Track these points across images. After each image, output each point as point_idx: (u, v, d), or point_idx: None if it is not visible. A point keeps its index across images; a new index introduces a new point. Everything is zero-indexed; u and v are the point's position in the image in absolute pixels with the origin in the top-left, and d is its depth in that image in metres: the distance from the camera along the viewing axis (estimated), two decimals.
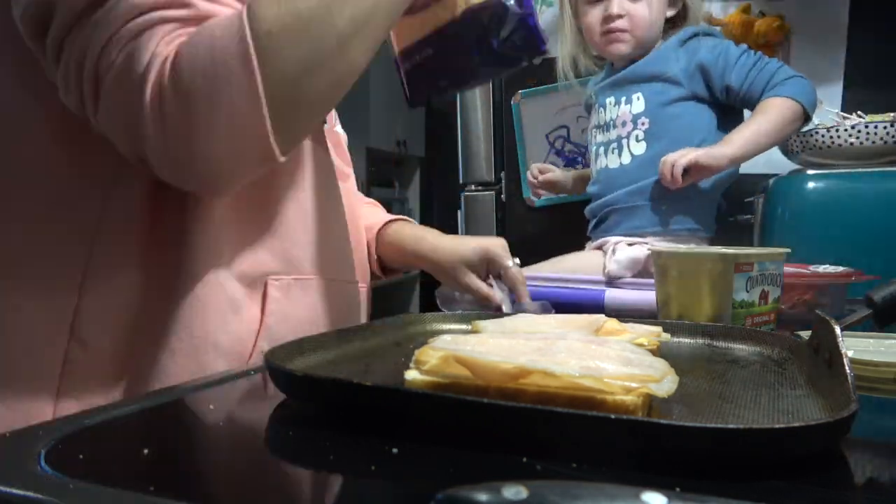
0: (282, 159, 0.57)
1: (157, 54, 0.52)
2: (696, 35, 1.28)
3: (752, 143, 1.16)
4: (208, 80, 0.52)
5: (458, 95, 1.94)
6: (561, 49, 1.48)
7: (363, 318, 0.85)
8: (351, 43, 0.56)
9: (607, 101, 1.34)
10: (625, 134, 1.31)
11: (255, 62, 0.52)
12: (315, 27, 0.54)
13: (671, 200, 1.25)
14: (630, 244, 1.17)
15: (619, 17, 1.27)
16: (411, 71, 0.76)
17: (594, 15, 1.31)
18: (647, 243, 1.15)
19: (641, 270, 1.09)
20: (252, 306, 0.65)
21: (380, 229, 0.97)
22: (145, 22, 0.53)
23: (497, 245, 0.92)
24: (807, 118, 1.22)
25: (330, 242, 0.74)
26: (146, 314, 0.61)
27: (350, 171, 0.91)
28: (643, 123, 1.29)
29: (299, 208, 0.70)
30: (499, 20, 0.68)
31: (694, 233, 1.26)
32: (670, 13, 1.33)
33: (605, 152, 1.35)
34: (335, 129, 0.89)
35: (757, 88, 1.22)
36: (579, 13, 1.36)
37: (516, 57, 0.70)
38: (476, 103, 1.94)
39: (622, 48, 1.30)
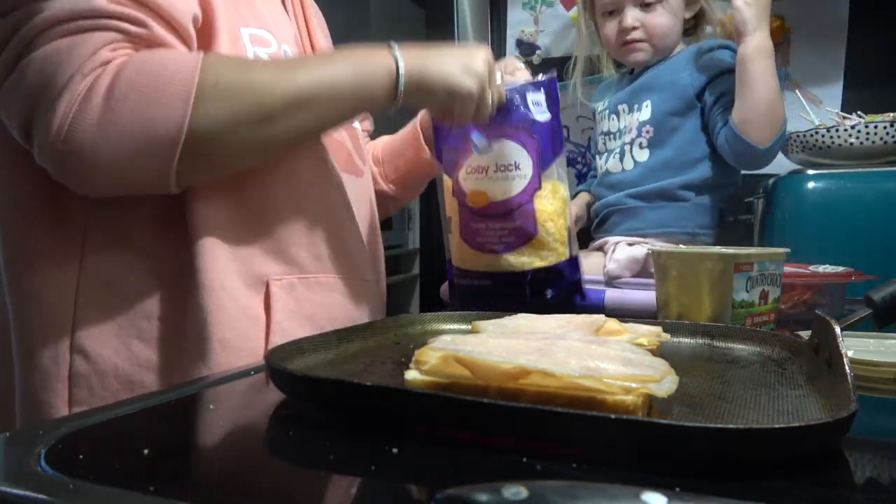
0: (174, 191, 0.59)
1: (99, 55, 0.55)
2: (713, 49, 1.28)
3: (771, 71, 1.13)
4: (143, 98, 0.54)
5: None
6: (578, 50, 1.49)
7: (381, 316, 0.85)
8: (279, 121, 0.60)
9: (619, 108, 1.35)
10: (628, 140, 1.32)
11: (191, 103, 0.55)
12: (255, 94, 0.59)
13: (672, 204, 1.26)
14: (630, 244, 1.17)
15: (634, 28, 1.28)
16: (464, 285, 0.86)
17: (611, 27, 1.33)
18: (647, 244, 1.15)
19: (641, 270, 1.08)
20: (256, 306, 0.66)
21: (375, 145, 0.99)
22: (99, 24, 0.55)
23: None
24: (781, 129, 1.21)
25: (335, 241, 0.75)
26: (152, 318, 0.62)
27: (366, 167, 0.90)
28: (647, 132, 1.29)
29: (297, 209, 0.71)
30: (556, 279, 0.81)
31: (694, 237, 1.26)
32: (688, 14, 1.33)
33: (609, 158, 1.35)
34: (353, 125, 0.90)
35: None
36: (598, 25, 1.38)
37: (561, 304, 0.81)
38: None
39: (640, 57, 1.32)
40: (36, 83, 0.54)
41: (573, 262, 0.82)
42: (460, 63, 0.70)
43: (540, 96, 0.86)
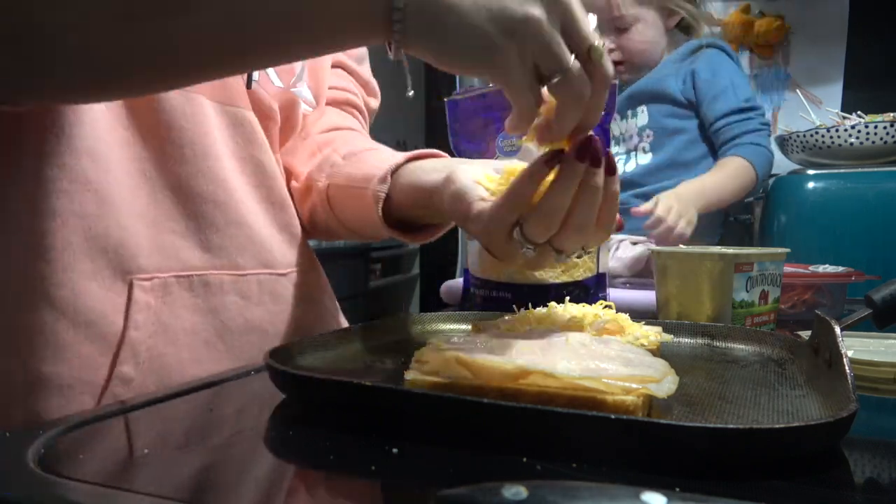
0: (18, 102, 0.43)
1: None
2: (700, 48, 1.29)
3: (707, 199, 1.22)
4: None
5: None
6: None
7: (328, 317, 0.72)
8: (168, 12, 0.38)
9: (615, 116, 1.37)
10: (632, 146, 1.35)
11: None
12: None
13: None
14: (634, 243, 1.17)
15: (611, 50, 1.31)
16: (482, 296, 0.82)
17: None
18: (651, 242, 1.16)
19: (642, 270, 1.09)
20: (114, 315, 0.50)
21: (393, 172, 0.64)
22: None
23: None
24: (756, 183, 1.28)
25: (231, 226, 0.58)
26: None
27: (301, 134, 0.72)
28: (648, 136, 1.32)
29: (178, 185, 0.54)
30: (580, 297, 0.77)
31: (698, 237, 1.27)
32: (671, 24, 1.34)
33: None
34: (291, 89, 0.69)
35: (725, 137, 1.24)
36: None
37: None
38: None
39: (623, 77, 1.36)
40: None
41: (600, 280, 0.78)
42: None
43: None
